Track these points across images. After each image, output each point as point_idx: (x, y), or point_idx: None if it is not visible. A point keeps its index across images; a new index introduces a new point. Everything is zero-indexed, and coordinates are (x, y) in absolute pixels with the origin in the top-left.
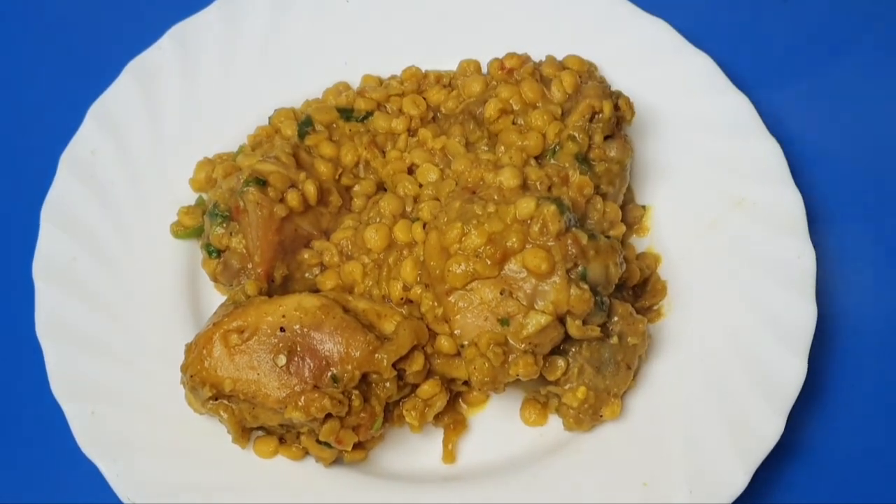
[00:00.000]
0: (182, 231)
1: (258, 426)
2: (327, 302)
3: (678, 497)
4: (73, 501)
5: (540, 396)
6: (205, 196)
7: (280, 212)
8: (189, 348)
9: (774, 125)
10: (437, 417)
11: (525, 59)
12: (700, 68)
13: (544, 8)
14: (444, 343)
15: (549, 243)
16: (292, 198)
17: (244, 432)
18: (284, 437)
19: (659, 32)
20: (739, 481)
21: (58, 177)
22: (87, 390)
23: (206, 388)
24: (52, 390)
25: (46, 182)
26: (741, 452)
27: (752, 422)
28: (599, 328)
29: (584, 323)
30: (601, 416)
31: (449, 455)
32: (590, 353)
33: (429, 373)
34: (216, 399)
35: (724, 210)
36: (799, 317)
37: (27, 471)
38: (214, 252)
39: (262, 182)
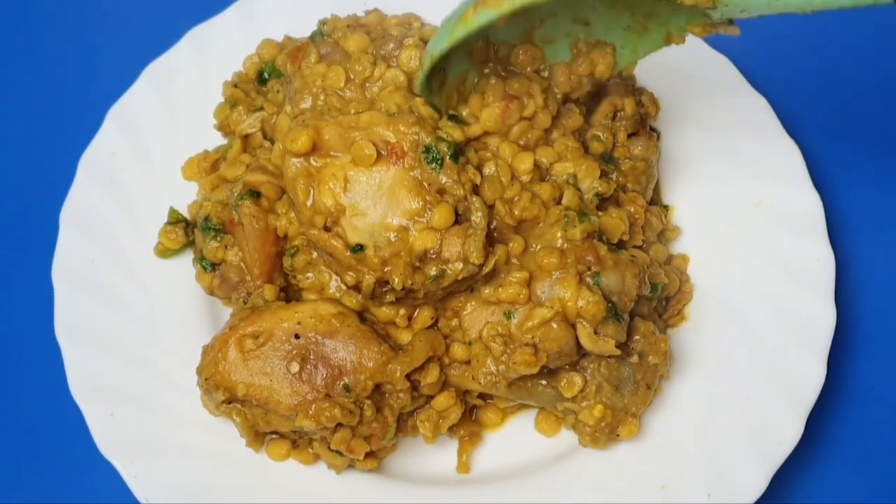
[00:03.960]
0: (167, 252)
1: (271, 430)
2: (343, 310)
3: (697, 500)
4: (92, 502)
5: (557, 412)
6: (181, 211)
7: (275, 223)
8: (205, 351)
9: (794, 129)
10: (452, 429)
11: None
12: (718, 69)
13: None
14: (458, 350)
15: (565, 246)
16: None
17: (257, 436)
18: (297, 441)
19: None
20: (758, 484)
21: (77, 179)
22: (106, 392)
23: (220, 392)
24: (70, 391)
25: (66, 184)
26: (760, 455)
27: (771, 425)
28: (619, 348)
29: (597, 333)
30: (618, 435)
31: (463, 466)
32: (608, 371)
33: (444, 384)
34: (230, 403)
35: (743, 211)
36: (818, 320)
37: (46, 472)
38: (209, 266)
39: (255, 194)
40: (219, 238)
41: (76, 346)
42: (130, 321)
